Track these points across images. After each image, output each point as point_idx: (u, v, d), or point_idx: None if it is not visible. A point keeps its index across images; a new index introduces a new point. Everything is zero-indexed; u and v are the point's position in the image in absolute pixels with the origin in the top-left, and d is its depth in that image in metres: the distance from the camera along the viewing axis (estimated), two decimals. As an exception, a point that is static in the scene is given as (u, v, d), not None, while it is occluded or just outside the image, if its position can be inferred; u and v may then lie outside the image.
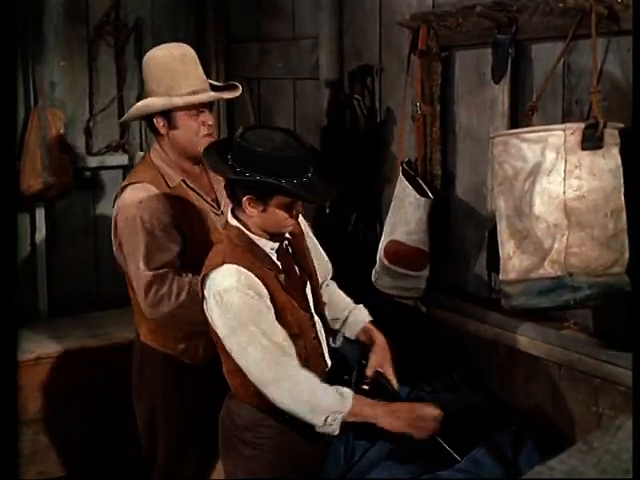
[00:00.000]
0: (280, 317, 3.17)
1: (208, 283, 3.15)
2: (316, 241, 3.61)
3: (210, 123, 3.81)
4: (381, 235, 4.14)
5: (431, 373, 4.00)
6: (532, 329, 3.66)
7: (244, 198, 3.13)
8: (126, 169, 5.82)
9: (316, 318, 3.37)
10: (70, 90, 5.71)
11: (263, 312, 3.10)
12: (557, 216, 3.17)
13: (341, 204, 4.44)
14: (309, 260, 3.45)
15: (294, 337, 3.19)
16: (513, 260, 3.27)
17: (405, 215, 4.02)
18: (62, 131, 5.51)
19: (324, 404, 3.08)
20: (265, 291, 3.13)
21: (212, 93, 3.85)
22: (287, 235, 3.32)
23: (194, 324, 3.55)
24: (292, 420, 3.21)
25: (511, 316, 3.69)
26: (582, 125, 3.16)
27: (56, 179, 5.41)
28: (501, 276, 3.34)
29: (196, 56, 3.87)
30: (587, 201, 3.15)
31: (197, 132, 3.78)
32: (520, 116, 3.65)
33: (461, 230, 4.11)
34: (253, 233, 3.21)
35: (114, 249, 3.89)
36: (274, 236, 3.25)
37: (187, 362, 3.84)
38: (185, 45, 3.91)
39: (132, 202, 3.75)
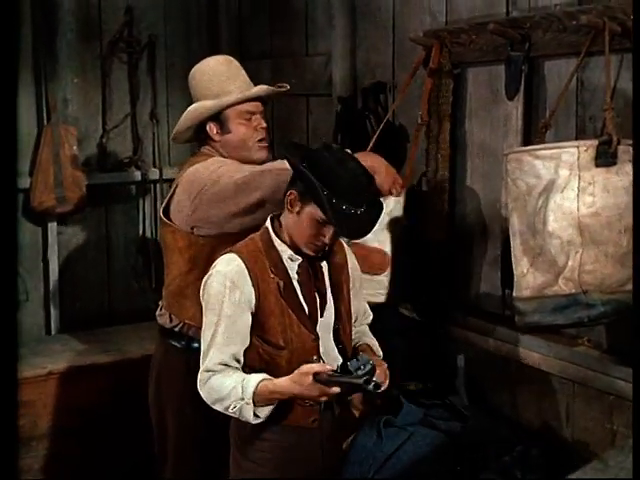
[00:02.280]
0: (265, 323, 3.20)
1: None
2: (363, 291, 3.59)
3: (263, 126, 3.79)
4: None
5: (440, 392, 4.01)
6: (545, 346, 3.65)
7: (289, 190, 3.17)
8: (139, 185, 5.83)
9: (325, 342, 3.34)
10: (83, 106, 5.72)
11: (224, 304, 3.16)
12: (571, 233, 3.17)
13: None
14: (342, 291, 3.40)
15: (275, 347, 3.21)
16: (527, 277, 3.27)
17: None
18: (75, 147, 5.52)
19: (224, 396, 3.14)
20: (248, 287, 3.17)
21: (263, 86, 3.82)
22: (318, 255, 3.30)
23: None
24: (292, 436, 3.25)
25: (524, 333, 3.68)
26: (596, 142, 3.17)
27: (69, 195, 5.43)
28: (515, 293, 3.33)
29: (239, 64, 3.88)
30: (601, 218, 3.14)
31: (250, 136, 3.77)
32: (533, 133, 3.65)
33: (474, 246, 4.10)
34: (278, 237, 3.24)
35: (168, 227, 3.82)
36: (301, 249, 3.25)
37: None
38: (228, 55, 3.93)
39: (201, 167, 3.69)
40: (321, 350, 3.28)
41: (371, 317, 3.64)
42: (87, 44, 5.69)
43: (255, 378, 3.12)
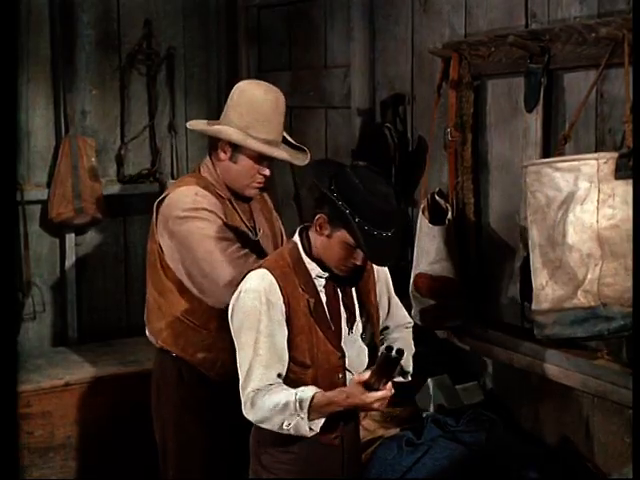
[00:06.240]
0: (294, 341, 3.17)
1: (243, 280, 3.22)
2: (394, 294, 3.54)
3: (267, 174, 3.81)
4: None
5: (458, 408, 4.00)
6: (565, 359, 3.63)
7: (318, 214, 3.14)
8: (157, 197, 5.83)
9: (352, 357, 3.30)
10: (102, 118, 5.74)
11: (262, 320, 3.12)
12: (590, 245, 3.16)
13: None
14: (369, 299, 3.38)
15: (302, 366, 3.18)
16: (546, 290, 3.26)
17: (424, 246, 4.02)
18: (93, 159, 5.54)
19: (276, 413, 3.07)
20: (280, 303, 3.14)
21: (283, 153, 3.82)
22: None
23: None
24: (314, 449, 3.23)
25: (544, 346, 3.67)
26: (615, 154, 3.16)
27: (87, 206, 5.45)
28: (534, 306, 3.32)
29: (284, 107, 3.87)
30: (620, 230, 3.13)
31: (252, 176, 3.80)
32: (553, 145, 3.65)
33: (493, 259, 4.09)
34: (308, 255, 3.22)
35: (155, 241, 4.01)
36: (332, 269, 3.23)
37: (205, 380, 3.83)
38: (279, 91, 3.89)
39: (188, 193, 3.83)
40: (347, 364, 3.27)
41: (411, 322, 3.61)
42: (106, 56, 5.72)
43: (308, 392, 3.07)
